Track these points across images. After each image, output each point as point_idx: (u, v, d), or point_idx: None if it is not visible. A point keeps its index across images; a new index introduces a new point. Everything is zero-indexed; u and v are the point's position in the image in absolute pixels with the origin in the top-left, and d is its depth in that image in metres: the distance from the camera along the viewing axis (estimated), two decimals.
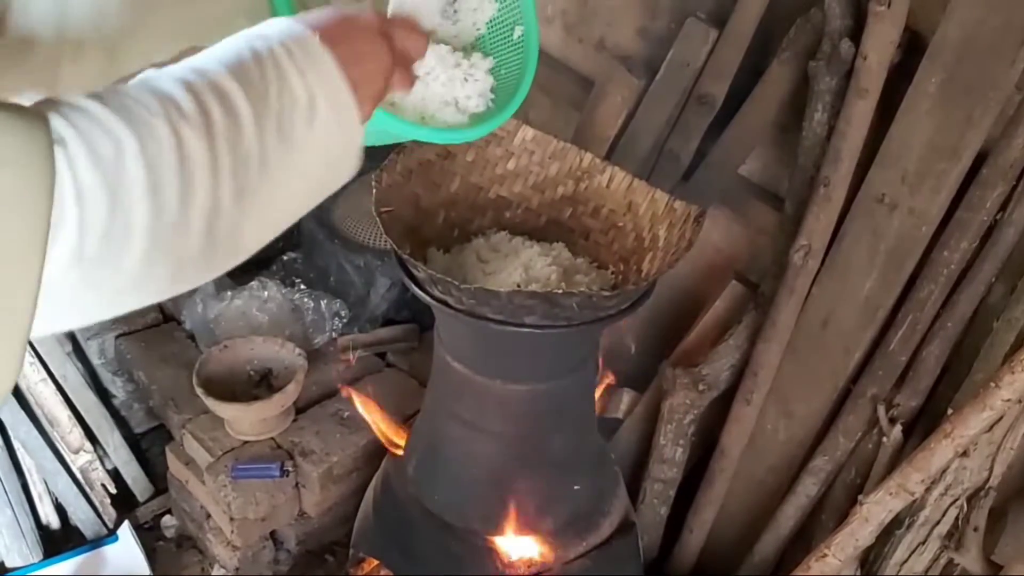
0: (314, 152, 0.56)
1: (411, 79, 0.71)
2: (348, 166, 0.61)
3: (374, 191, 1.06)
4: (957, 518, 1.30)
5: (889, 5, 1.24)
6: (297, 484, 1.69)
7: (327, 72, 0.56)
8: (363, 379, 1.87)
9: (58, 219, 0.42)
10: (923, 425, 1.36)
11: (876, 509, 1.28)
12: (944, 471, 1.26)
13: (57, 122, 0.43)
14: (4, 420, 1.71)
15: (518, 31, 0.86)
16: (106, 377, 1.96)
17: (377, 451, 1.69)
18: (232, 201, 0.51)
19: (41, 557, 1.72)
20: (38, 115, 0.42)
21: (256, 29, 0.57)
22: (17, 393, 1.71)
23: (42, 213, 0.41)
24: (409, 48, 0.69)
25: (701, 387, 1.54)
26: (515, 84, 0.86)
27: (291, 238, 2.02)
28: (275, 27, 0.57)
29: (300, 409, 1.78)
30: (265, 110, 0.52)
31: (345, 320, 1.98)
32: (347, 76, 0.57)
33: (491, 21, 0.87)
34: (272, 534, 1.77)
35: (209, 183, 0.49)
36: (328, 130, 0.57)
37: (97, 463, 1.82)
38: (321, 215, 1.89)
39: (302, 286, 1.93)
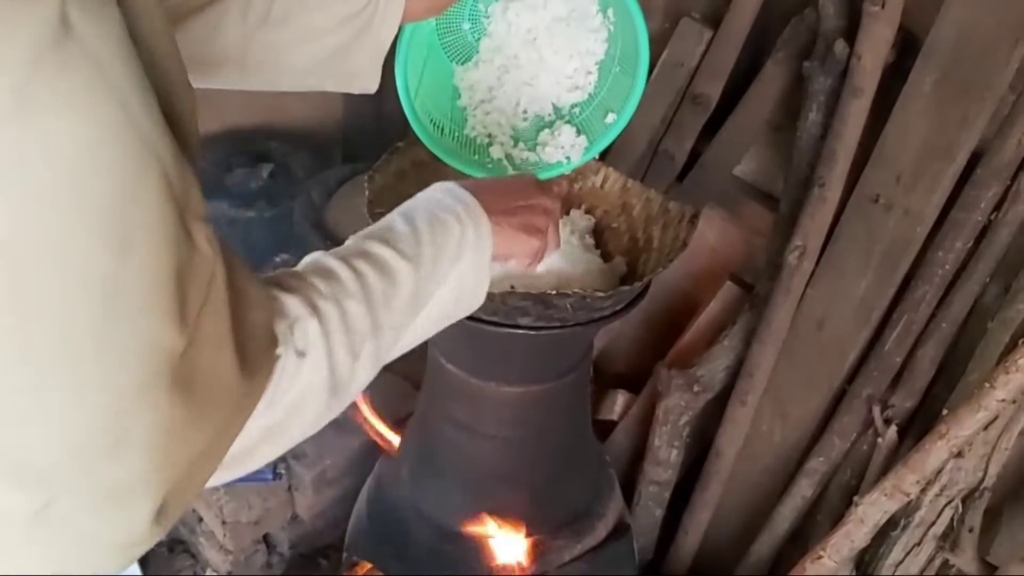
0: (450, 288, 0.70)
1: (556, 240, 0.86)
2: (475, 303, 0.74)
3: (367, 192, 1.05)
4: (952, 519, 1.30)
5: (883, 5, 1.24)
6: (290, 487, 1.68)
7: (485, 241, 0.71)
8: None
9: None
10: (918, 426, 1.36)
11: (871, 510, 1.28)
12: (939, 472, 1.26)
13: (281, 329, 0.56)
14: None
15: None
16: None
17: (371, 454, 1.68)
18: (387, 339, 0.65)
19: None
20: (274, 340, 0.55)
21: (446, 196, 0.74)
22: None
23: (260, 393, 0.54)
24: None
25: (696, 388, 1.53)
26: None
27: (285, 240, 2.01)
28: (464, 198, 0.73)
29: None
30: (421, 269, 0.66)
31: None
32: (496, 246, 0.72)
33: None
34: (265, 538, 1.75)
35: (368, 339, 0.62)
36: (465, 276, 0.70)
37: None
38: (314, 217, 1.88)
39: None
